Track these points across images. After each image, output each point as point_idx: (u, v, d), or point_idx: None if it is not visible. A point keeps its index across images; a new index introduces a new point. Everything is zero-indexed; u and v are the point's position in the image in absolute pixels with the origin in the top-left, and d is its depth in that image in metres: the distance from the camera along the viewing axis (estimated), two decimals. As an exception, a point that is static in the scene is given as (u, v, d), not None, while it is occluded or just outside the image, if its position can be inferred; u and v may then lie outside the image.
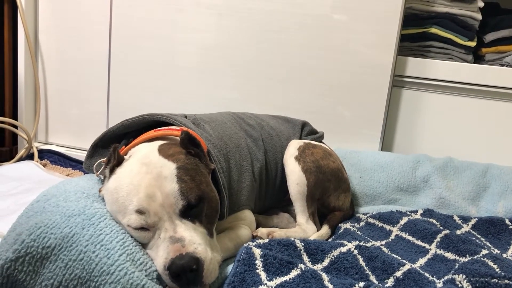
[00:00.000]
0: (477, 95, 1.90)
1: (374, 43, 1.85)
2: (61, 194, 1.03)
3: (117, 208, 0.98)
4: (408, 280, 1.07)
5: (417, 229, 1.35)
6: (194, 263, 0.89)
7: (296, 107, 1.93)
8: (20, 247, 0.89)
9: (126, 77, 2.10)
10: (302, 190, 1.36)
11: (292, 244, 1.14)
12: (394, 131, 2.00)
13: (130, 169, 1.00)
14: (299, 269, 1.03)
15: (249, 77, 1.98)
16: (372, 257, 1.14)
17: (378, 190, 1.65)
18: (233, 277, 0.97)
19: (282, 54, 1.93)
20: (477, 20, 1.96)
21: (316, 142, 1.52)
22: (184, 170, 0.99)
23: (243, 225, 1.22)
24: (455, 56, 1.97)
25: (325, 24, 1.86)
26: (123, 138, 1.23)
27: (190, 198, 0.95)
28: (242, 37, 1.95)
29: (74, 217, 0.95)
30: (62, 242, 0.90)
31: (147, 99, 2.09)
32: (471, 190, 1.65)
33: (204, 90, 2.03)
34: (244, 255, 1.03)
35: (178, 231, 0.93)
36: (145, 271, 0.91)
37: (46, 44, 2.20)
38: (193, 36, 1.99)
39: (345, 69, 1.89)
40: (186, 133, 1.05)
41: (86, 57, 2.15)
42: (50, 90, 2.24)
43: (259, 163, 1.37)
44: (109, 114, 2.17)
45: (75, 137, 2.25)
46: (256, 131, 1.44)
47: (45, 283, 0.87)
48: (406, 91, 1.96)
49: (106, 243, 0.91)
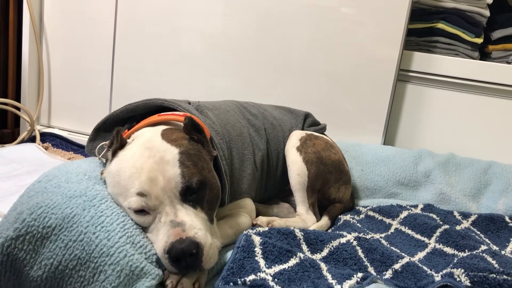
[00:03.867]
0: (482, 92, 1.90)
1: (380, 36, 1.84)
2: (62, 175, 1.03)
3: (119, 191, 0.98)
4: (407, 273, 1.07)
5: (416, 223, 1.35)
6: (194, 247, 0.89)
7: (300, 99, 1.92)
8: (21, 226, 0.89)
9: (130, 63, 2.10)
10: (303, 180, 1.37)
11: (291, 233, 1.14)
12: (397, 125, 1.99)
13: (132, 152, 1.00)
14: (298, 258, 1.03)
15: (253, 67, 1.97)
16: (371, 249, 1.14)
17: (379, 183, 1.65)
18: (232, 263, 0.97)
19: (287, 45, 1.92)
20: (485, 17, 1.95)
21: (318, 134, 1.52)
22: (187, 155, 0.99)
23: (243, 213, 1.22)
24: (461, 53, 1.96)
25: (332, 16, 1.85)
26: (126, 122, 1.23)
27: (192, 183, 0.95)
28: (247, 26, 1.94)
29: (75, 198, 0.95)
30: (62, 222, 0.90)
31: (150, 85, 2.08)
32: (472, 187, 1.65)
33: (207, 78, 2.02)
34: (244, 242, 1.03)
35: (179, 216, 0.93)
36: (144, 254, 0.91)
37: (50, 27, 2.19)
38: (198, 24, 1.98)
39: (350, 62, 1.88)
40: (190, 119, 1.05)
41: (91, 41, 2.14)
42: (53, 73, 2.24)
43: (260, 152, 1.37)
44: (112, 99, 2.16)
45: (78, 121, 2.25)
46: (258, 121, 1.44)
47: (45, 262, 0.87)
48: (411, 85, 1.95)
49: (106, 225, 0.91)
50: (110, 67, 2.13)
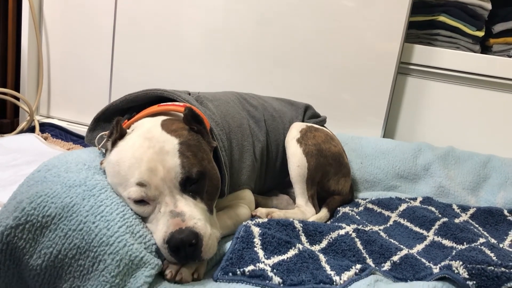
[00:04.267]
0: (483, 86, 1.89)
1: (381, 29, 1.83)
2: (62, 165, 1.03)
3: (118, 181, 0.98)
4: (405, 265, 1.08)
5: (415, 216, 1.35)
6: (193, 237, 0.89)
7: (300, 91, 1.92)
8: (21, 214, 0.89)
9: (130, 54, 2.09)
10: (302, 172, 1.37)
11: (290, 224, 1.14)
12: (397, 118, 1.99)
13: (132, 142, 0.99)
14: (296, 249, 1.03)
15: (254, 60, 1.96)
16: (370, 241, 1.14)
17: (378, 176, 1.65)
18: (231, 254, 0.98)
19: (288, 38, 1.91)
20: (487, 10, 1.94)
21: (318, 126, 1.52)
22: (187, 146, 0.99)
23: (242, 204, 1.23)
24: (462, 46, 1.96)
25: (333, 8, 1.84)
26: (126, 113, 1.23)
27: (192, 173, 0.95)
28: (248, 18, 1.93)
29: (75, 187, 0.95)
30: (62, 211, 0.90)
31: (150, 77, 2.08)
32: (472, 180, 1.65)
33: (207, 70, 2.02)
34: (243, 233, 1.03)
35: (179, 206, 0.93)
36: (144, 243, 0.91)
37: (50, 17, 2.18)
38: (198, 15, 1.97)
39: (351, 55, 1.87)
40: (190, 109, 1.05)
41: (91, 32, 2.13)
42: (53, 64, 2.23)
43: (260, 144, 1.36)
44: (111, 91, 2.16)
45: (77, 112, 2.24)
46: (258, 112, 1.44)
47: (44, 251, 0.87)
48: (411, 78, 1.95)
49: (106, 215, 0.91)
50: (109, 57, 2.12)
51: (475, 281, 0.90)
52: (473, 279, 0.91)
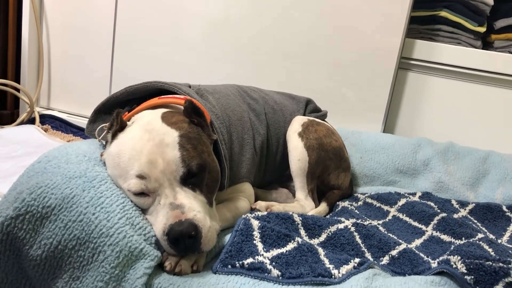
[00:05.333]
0: (484, 82, 1.89)
1: (382, 24, 1.83)
2: (62, 156, 1.03)
3: (118, 173, 0.98)
4: (403, 259, 1.08)
5: (414, 210, 1.35)
6: (193, 229, 0.90)
7: (300, 85, 1.92)
8: (21, 205, 0.89)
9: (130, 47, 2.09)
10: (303, 166, 1.37)
11: (290, 218, 1.14)
12: (397, 113, 1.99)
13: (132, 135, 1.00)
14: (295, 242, 1.04)
15: (255, 53, 1.96)
16: (368, 235, 1.14)
17: (378, 171, 1.66)
18: (231, 247, 0.98)
19: (289, 32, 1.91)
20: (489, 6, 1.93)
21: (319, 120, 1.52)
22: (187, 139, 0.99)
23: (242, 197, 1.23)
24: (463, 41, 1.95)
25: (334, 2, 1.84)
26: (126, 105, 1.23)
27: (191, 166, 0.95)
28: (249, 12, 1.92)
29: (75, 179, 0.95)
30: (62, 202, 0.90)
31: (150, 69, 2.07)
32: (471, 176, 1.65)
33: (208, 63, 2.01)
34: (242, 226, 1.03)
35: (178, 198, 0.94)
36: (143, 235, 0.92)
37: (51, 8, 2.18)
38: (199, 8, 1.97)
39: (352, 49, 1.87)
40: (190, 102, 1.04)
41: (91, 24, 2.12)
42: (53, 56, 2.23)
43: (260, 137, 1.36)
44: (112, 83, 2.15)
45: (77, 104, 2.24)
46: (259, 105, 1.43)
47: (44, 242, 0.88)
48: (412, 74, 1.95)
49: (106, 206, 0.91)
50: (110, 50, 2.11)
51: (473, 276, 0.91)
52: (471, 274, 0.91)
